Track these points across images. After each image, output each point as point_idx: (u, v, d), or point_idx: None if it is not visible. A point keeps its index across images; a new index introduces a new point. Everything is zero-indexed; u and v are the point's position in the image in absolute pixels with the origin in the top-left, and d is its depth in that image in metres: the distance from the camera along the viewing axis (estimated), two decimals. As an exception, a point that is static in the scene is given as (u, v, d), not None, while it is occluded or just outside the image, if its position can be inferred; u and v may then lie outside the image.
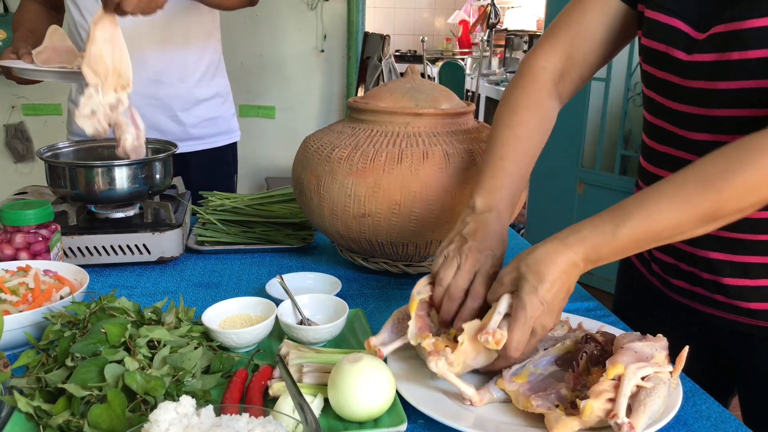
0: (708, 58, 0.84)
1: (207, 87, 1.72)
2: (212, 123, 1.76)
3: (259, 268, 1.24)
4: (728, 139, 0.85)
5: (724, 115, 0.85)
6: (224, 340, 0.88)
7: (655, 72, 0.93)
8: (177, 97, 1.68)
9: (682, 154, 0.92)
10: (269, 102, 3.64)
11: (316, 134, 1.19)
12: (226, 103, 1.81)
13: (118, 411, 0.69)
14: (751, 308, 0.92)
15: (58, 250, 1.10)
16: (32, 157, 3.40)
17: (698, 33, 0.86)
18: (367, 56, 3.75)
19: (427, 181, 1.04)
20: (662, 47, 0.89)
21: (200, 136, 1.74)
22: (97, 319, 0.84)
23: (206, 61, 1.71)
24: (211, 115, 1.75)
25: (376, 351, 0.82)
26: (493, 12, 5.61)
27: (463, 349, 0.78)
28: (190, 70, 1.68)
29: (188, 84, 1.68)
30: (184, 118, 1.70)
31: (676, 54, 0.88)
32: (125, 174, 1.22)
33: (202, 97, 1.72)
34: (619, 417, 0.68)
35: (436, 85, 1.19)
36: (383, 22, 6.85)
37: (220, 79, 1.77)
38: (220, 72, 1.77)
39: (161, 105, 1.67)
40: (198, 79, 1.70)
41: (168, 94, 1.66)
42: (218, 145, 1.79)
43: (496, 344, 0.75)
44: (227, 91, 1.82)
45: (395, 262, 1.18)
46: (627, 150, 3.31)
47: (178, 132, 1.69)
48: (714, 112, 0.86)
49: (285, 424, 0.65)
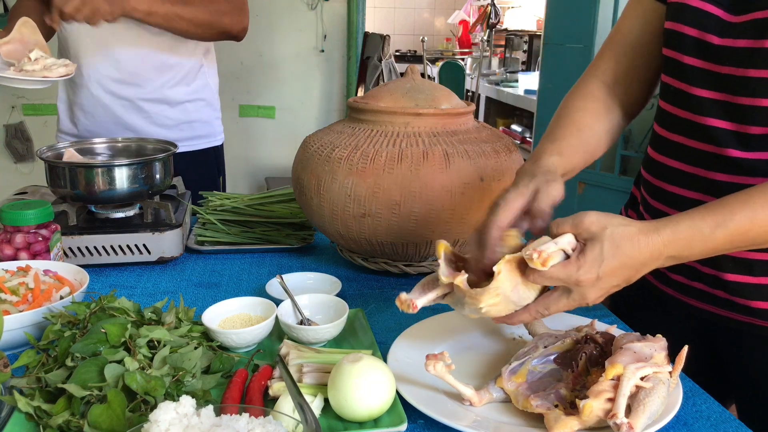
0: (742, 44, 0.83)
1: (184, 90, 1.70)
2: (190, 126, 1.74)
3: (259, 268, 1.24)
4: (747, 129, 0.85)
5: (750, 104, 0.84)
6: (224, 340, 0.88)
7: (680, 57, 0.91)
8: (151, 99, 1.66)
9: (695, 144, 0.91)
10: (269, 102, 3.64)
11: (316, 134, 1.19)
12: (208, 107, 1.78)
13: (118, 411, 0.69)
14: (751, 306, 0.92)
15: (58, 250, 1.10)
16: (32, 157, 3.40)
17: (732, 17, 0.85)
18: (367, 56, 3.75)
19: (427, 181, 1.05)
20: (693, 31, 0.88)
21: (177, 138, 1.69)
22: (97, 319, 0.84)
23: (186, 63, 1.68)
24: (189, 119, 1.73)
25: (408, 305, 0.78)
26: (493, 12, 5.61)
27: (502, 278, 0.73)
28: (166, 72, 1.65)
29: (162, 86, 1.66)
30: (159, 120, 1.69)
31: (708, 38, 0.87)
32: (125, 174, 1.22)
33: (178, 99, 1.70)
34: (618, 417, 0.68)
35: (436, 85, 1.19)
36: (383, 22, 6.85)
37: (201, 81, 1.74)
38: (202, 75, 1.74)
39: (133, 106, 1.66)
40: (175, 81, 1.68)
41: (140, 95, 1.65)
42: (197, 149, 1.77)
43: (542, 263, 0.70)
44: (210, 95, 1.78)
45: (395, 262, 1.18)
46: (627, 150, 3.30)
47: (155, 133, 1.67)
48: (739, 100, 0.85)
49: (285, 424, 0.65)
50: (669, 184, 0.97)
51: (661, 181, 0.98)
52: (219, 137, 1.85)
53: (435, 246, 0.81)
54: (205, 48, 1.74)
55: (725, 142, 0.87)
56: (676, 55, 0.92)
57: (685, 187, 0.94)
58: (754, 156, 0.86)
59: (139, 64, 1.62)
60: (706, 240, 0.73)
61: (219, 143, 1.85)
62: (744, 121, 0.86)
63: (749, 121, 0.85)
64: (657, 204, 0.99)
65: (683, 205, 0.93)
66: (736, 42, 0.84)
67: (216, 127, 1.83)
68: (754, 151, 0.86)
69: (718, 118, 0.88)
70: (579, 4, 3.19)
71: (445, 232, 1.09)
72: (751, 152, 0.86)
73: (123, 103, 1.65)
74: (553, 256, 0.72)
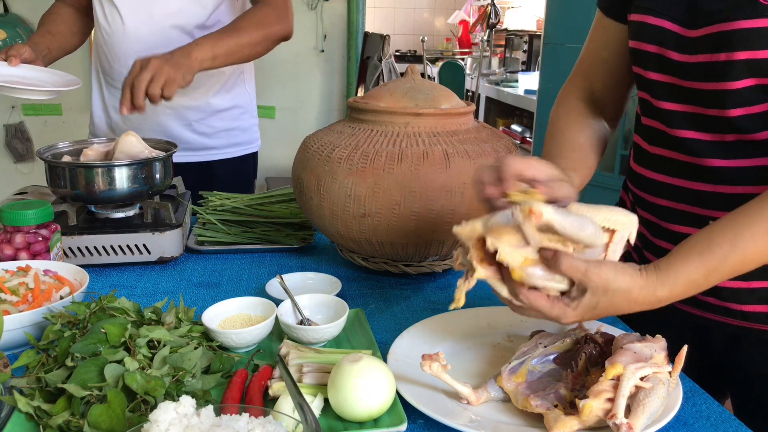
0: (701, 59, 0.84)
1: (224, 98, 1.70)
2: (228, 134, 1.74)
3: (259, 268, 1.24)
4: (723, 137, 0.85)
5: (719, 115, 0.85)
6: (224, 340, 0.88)
7: (646, 73, 0.92)
8: (193, 107, 1.66)
9: (675, 155, 0.92)
10: (269, 102, 3.64)
11: (316, 134, 1.19)
12: (246, 114, 1.78)
13: (118, 411, 0.69)
14: (744, 311, 0.92)
15: (58, 250, 1.10)
16: (32, 157, 3.40)
17: (689, 31, 0.85)
18: (367, 56, 3.75)
19: (427, 181, 1.04)
20: (653, 48, 0.89)
21: (217, 146, 1.72)
22: (97, 319, 0.84)
23: (226, 72, 1.68)
24: (228, 126, 1.73)
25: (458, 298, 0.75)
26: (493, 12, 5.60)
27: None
28: (207, 81, 1.65)
29: (204, 94, 1.66)
30: (200, 128, 1.69)
31: (668, 54, 0.88)
32: (125, 174, 1.22)
33: (219, 107, 1.70)
34: (618, 417, 0.68)
35: (436, 85, 1.19)
36: (383, 22, 6.84)
37: (240, 89, 1.74)
38: (240, 83, 1.74)
39: (176, 115, 1.66)
40: (216, 90, 1.68)
41: (183, 104, 1.64)
42: (236, 155, 1.78)
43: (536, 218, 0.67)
44: (248, 102, 1.79)
45: (395, 262, 1.18)
46: (627, 150, 3.31)
47: (194, 141, 1.68)
48: (708, 112, 0.86)
49: (285, 424, 0.65)
50: (654, 196, 0.97)
51: (646, 193, 0.99)
52: (256, 143, 1.85)
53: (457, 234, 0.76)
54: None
55: (703, 153, 0.88)
56: (641, 71, 0.94)
57: (669, 199, 0.94)
58: (734, 164, 0.86)
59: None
60: (700, 287, 0.75)
61: (256, 149, 1.86)
62: (717, 130, 0.86)
63: (723, 130, 0.86)
64: (645, 214, 0.99)
65: (670, 216, 0.94)
66: (695, 57, 0.85)
67: (254, 134, 1.83)
68: (732, 159, 0.86)
69: (691, 130, 0.89)
70: (579, 4, 3.19)
71: (445, 232, 1.09)
72: (730, 160, 0.86)
73: (165, 111, 1.64)
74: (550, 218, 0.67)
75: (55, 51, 1.58)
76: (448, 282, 1.20)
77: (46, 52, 1.52)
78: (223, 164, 1.75)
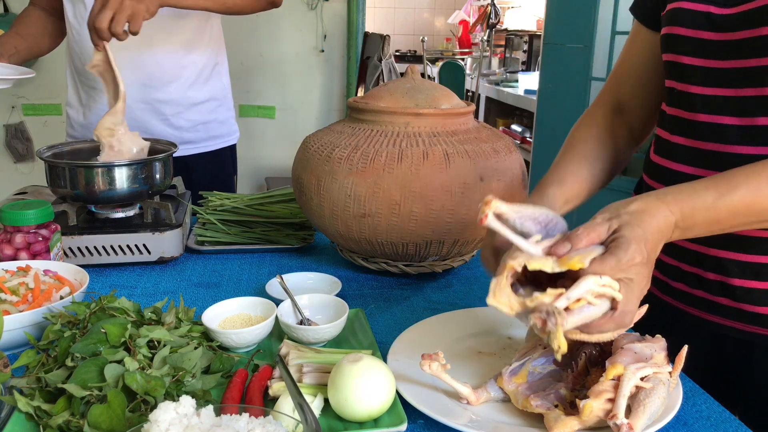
0: (739, 36, 0.84)
1: (200, 90, 1.70)
2: (206, 127, 1.74)
3: (259, 268, 1.24)
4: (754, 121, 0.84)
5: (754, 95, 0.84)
6: (224, 340, 0.88)
7: (679, 58, 0.92)
8: (168, 101, 1.66)
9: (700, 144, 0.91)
10: (269, 102, 3.64)
11: (316, 134, 1.19)
12: (222, 107, 1.78)
13: (118, 411, 0.69)
14: (758, 312, 0.90)
15: (58, 250, 1.10)
16: (32, 157, 3.40)
17: (725, 10, 0.85)
18: (367, 56, 3.75)
19: (427, 181, 1.04)
20: (688, 32, 0.89)
21: (194, 140, 1.72)
22: (97, 319, 0.84)
23: (199, 64, 1.68)
24: (205, 119, 1.73)
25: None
26: (493, 12, 5.60)
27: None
28: (182, 74, 1.65)
29: (179, 88, 1.66)
30: (176, 122, 1.68)
31: (704, 35, 0.87)
32: (125, 174, 1.22)
33: (195, 100, 1.69)
34: (618, 417, 0.68)
35: (436, 85, 1.19)
36: (383, 22, 6.84)
37: (215, 82, 1.74)
38: (216, 75, 1.74)
39: (152, 109, 1.65)
40: (190, 82, 1.67)
41: (158, 98, 1.64)
42: (214, 149, 1.77)
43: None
44: (224, 95, 1.79)
45: (395, 262, 1.18)
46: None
47: (171, 136, 1.67)
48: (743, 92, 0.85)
49: (285, 424, 0.65)
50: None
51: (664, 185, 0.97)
52: (234, 136, 1.85)
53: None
54: (218, 46, 1.74)
55: (730, 139, 0.87)
56: (675, 57, 0.93)
57: None
58: (761, 151, 0.85)
59: (155, 65, 1.61)
60: (709, 209, 0.72)
61: (234, 142, 1.86)
62: (750, 113, 0.85)
63: (755, 113, 0.85)
64: None
65: None
66: (735, 35, 0.84)
67: (231, 126, 1.83)
68: (760, 145, 0.85)
69: (722, 115, 0.88)
70: (579, 4, 3.19)
71: (445, 232, 1.09)
72: (759, 147, 0.85)
73: (140, 107, 1.63)
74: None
75: (24, 52, 1.56)
76: (448, 282, 1.20)
77: (12, 51, 1.51)
78: (202, 158, 1.74)
